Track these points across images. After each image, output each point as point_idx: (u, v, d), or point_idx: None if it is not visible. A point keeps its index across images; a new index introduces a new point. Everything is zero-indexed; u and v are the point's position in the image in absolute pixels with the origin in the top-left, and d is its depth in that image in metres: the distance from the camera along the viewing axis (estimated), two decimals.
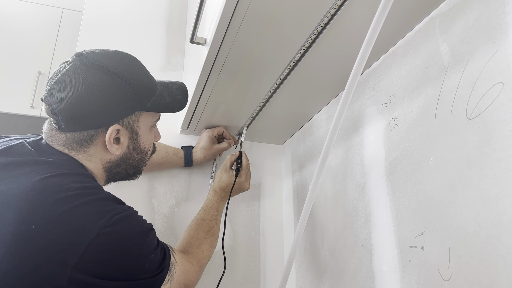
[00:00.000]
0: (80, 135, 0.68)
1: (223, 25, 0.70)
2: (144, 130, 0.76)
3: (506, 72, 0.52)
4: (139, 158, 0.77)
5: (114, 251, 0.59)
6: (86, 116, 0.66)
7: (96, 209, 0.60)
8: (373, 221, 0.78)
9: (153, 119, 0.78)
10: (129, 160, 0.75)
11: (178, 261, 0.74)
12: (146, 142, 0.77)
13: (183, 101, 0.81)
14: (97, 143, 0.70)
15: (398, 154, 0.73)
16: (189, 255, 0.81)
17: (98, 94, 0.66)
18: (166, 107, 0.77)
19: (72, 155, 0.69)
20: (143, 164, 0.80)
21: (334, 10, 0.68)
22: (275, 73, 0.89)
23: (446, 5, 0.65)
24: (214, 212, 0.97)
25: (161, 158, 1.12)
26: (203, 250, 0.85)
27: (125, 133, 0.72)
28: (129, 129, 0.72)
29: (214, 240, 0.91)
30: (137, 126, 0.74)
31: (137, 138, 0.75)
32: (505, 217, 0.50)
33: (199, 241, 0.87)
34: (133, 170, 0.78)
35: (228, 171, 1.05)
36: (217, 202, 1.00)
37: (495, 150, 0.52)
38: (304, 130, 1.18)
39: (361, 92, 0.87)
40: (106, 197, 0.64)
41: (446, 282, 0.58)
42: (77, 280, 0.55)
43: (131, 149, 0.74)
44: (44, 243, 0.54)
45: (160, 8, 1.41)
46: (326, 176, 0.99)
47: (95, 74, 0.67)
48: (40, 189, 0.58)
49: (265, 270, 1.21)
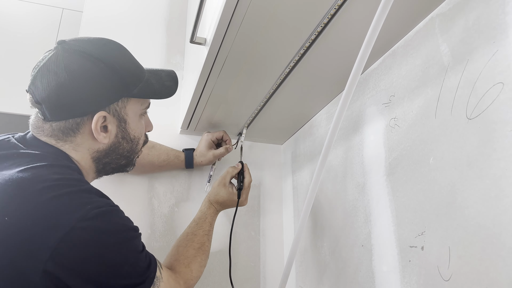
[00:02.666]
0: (65, 124, 0.66)
1: (223, 25, 0.70)
2: (132, 118, 0.73)
3: (506, 72, 0.52)
4: (129, 148, 0.74)
5: (90, 247, 0.55)
6: (70, 104, 0.65)
7: (74, 201, 0.56)
8: (373, 221, 0.78)
9: (141, 106, 0.75)
10: (119, 150, 0.73)
11: (164, 278, 0.68)
12: (136, 130, 0.75)
13: (172, 87, 0.79)
14: (84, 132, 0.67)
15: (398, 154, 0.73)
16: (177, 274, 0.76)
17: (82, 81, 0.64)
18: (155, 93, 0.75)
19: (58, 146, 0.67)
20: (134, 154, 0.77)
21: (334, 10, 0.68)
22: (275, 73, 0.89)
23: (446, 5, 0.65)
24: (206, 227, 0.91)
25: (162, 161, 1.12)
26: (192, 270, 0.80)
27: (112, 120, 0.69)
28: (116, 117, 0.70)
29: (204, 258, 0.85)
30: (124, 113, 0.71)
31: (126, 126, 0.72)
32: (505, 217, 0.50)
33: (189, 259, 0.81)
34: (124, 161, 0.75)
35: (227, 187, 0.99)
36: (211, 216, 0.95)
37: (495, 150, 0.52)
38: (304, 130, 1.18)
39: (361, 92, 0.87)
40: (88, 190, 0.60)
41: (446, 282, 0.58)
42: (51, 276, 0.52)
43: (120, 138, 0.72)
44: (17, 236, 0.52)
45: (160, 8, 1.41)
46: (326, 176, 0.99)
47: (78, 60, 0.65)
48: (18, 181, 0.56)
49: (265, 270, 1.21)
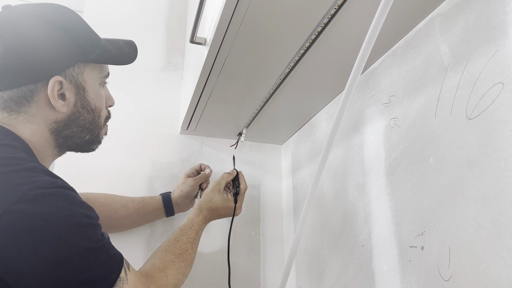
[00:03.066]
0: (18, 92, 0.61)
1: (223, 25, 0.70)
2: (92, 86, 0.69)
3: (506, 72, 0.52)
4: (91, 119, 0.69)
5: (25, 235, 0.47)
6: (22, 69, 0.60)
7: (11, 181, 0.50)
8: (373, 221, 0.78)
9: (100, 74, 0.71)
10: (79, 120, 0.67)
11: (131, 280, 0.59)
12: (97, 100, 0.70)
13: (131, 54, 0.75)
14: (39, 100, 0.62)
15: (398, 154, 0.73)
16: (148, 279, 0.66)
17: (32, 43, 0.60)
18: (113, 59, 0.71)
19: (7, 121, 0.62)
20: (97, 127, 0.71)
21: (334, 10, 0.68)
22: (275, 73, 0.89)
23: (446, 5, 0.65)
24: (192, 234, 0.82)
25: (137, 204, 1.03)
26: (167, 276, 0.70)
27: (70, 88, 0.65)
28: (74, 84, 0.65)
29: (185, 266, 0.75)
30: (82, 80, 0.67)
31: (85, 94, 0.67)
32: (505, 217, 0.50)
33: (165, 264, 0.72)
34: (88, 135, 0.70)
35: (221, 193, 0.94)
36: (198, 224, 0.86)
37: (495, 150, 0.52)
38: (304, 130, 1.18)
39: (361, 92, 0.87)
40: (31, 168, 0.53)
41: (446, 282, 0.58)
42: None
43: (79, 107, 0.67)
44: None
45: (160, 8, 1.41)
46: (326, 176, 0.99)
47: (27, 22, 0.61)
48: None
49: (265, 270, 1.21)
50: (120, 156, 1.16)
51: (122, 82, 1.22)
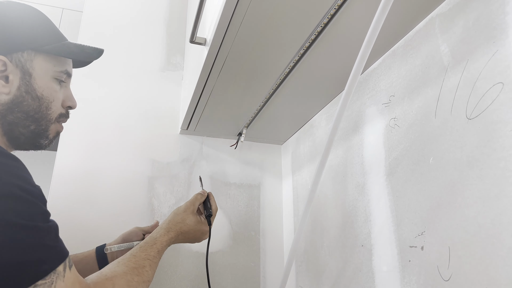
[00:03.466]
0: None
1: (223, 25, 0.70)
2: (41, 75, 0.67)
3: (506, 72, 0.52)
4: (35, 106, 0.67)
5: None
6: None
7: None
8: (373, 221, 0.78)
9: (54, 67, 0.70)
10: (23, 106, 0.65)
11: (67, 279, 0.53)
12: (45, 90, 0.68)
13: (92, 54, 0.74)
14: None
15: (398, 154, 0.73)
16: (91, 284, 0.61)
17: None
18: (70, 54, 0.70)
19: None
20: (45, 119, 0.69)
21: (334, 10, 0.68)
22: (275, 73, 0.89)
23: (446, 5, 0.65)
24: (152, 252, 0.75)
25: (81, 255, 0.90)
26: (114, 284, 0.63)
27: (15, 71, 0.64)
28: (20, 68, 0.65)
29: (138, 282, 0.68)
30: (30, 66, 0.66)
31: (31, 80, 0.66)
32: (505, 217, 0.50)
33: (114, 273, 0.66)
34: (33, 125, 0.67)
35: (195, 214, 0.87)
36: (161, 244, 0.78)
37: (495, 150, 0.52)
38: (304, 130, 1.18)
39: (361, 92, 0.87)
40: None
41: (446, 282, 0.58)
42: None
43: (23, 91, 0.65)
44: None
45: (160, 8, 1.41)
46: (326, 176, 0.99)
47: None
48: None
49: (265, 270, 1.21)
50: (120, 156, 1.16)
51: (122, 82, 1.23)
